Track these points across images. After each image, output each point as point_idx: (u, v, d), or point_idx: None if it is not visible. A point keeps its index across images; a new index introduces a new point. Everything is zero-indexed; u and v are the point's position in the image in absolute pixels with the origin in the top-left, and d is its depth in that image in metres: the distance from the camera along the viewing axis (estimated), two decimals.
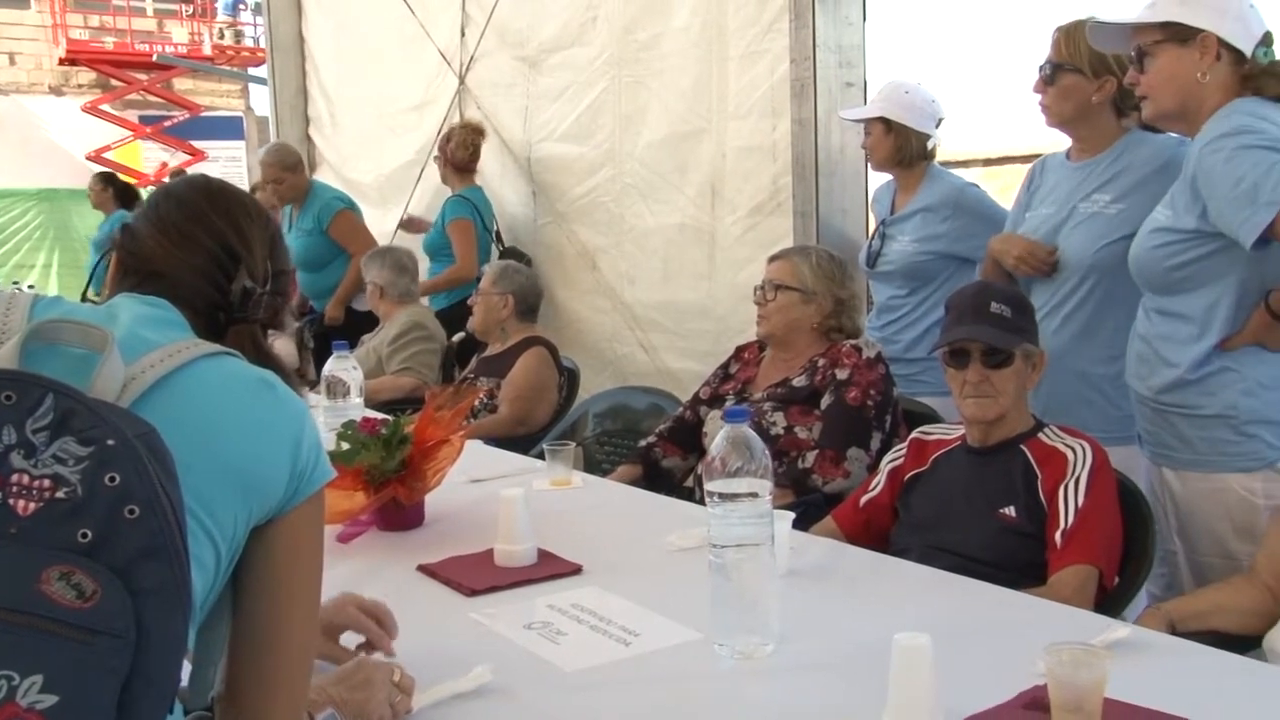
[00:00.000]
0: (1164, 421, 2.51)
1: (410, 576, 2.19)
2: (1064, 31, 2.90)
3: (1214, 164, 2.32)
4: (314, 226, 5.73)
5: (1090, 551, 2.22)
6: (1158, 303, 2.51)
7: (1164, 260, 2.44)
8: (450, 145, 5.68)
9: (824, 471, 2.86)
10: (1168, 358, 2.48)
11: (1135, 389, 2.59)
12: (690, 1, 4.72)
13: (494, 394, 4.15)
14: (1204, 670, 1.67)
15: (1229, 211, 2.29)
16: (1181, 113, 2.46)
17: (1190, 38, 2.39)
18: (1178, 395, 2.46)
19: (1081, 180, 2.93)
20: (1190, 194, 2.38)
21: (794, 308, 3.12)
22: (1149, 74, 2.45)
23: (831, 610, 1.94)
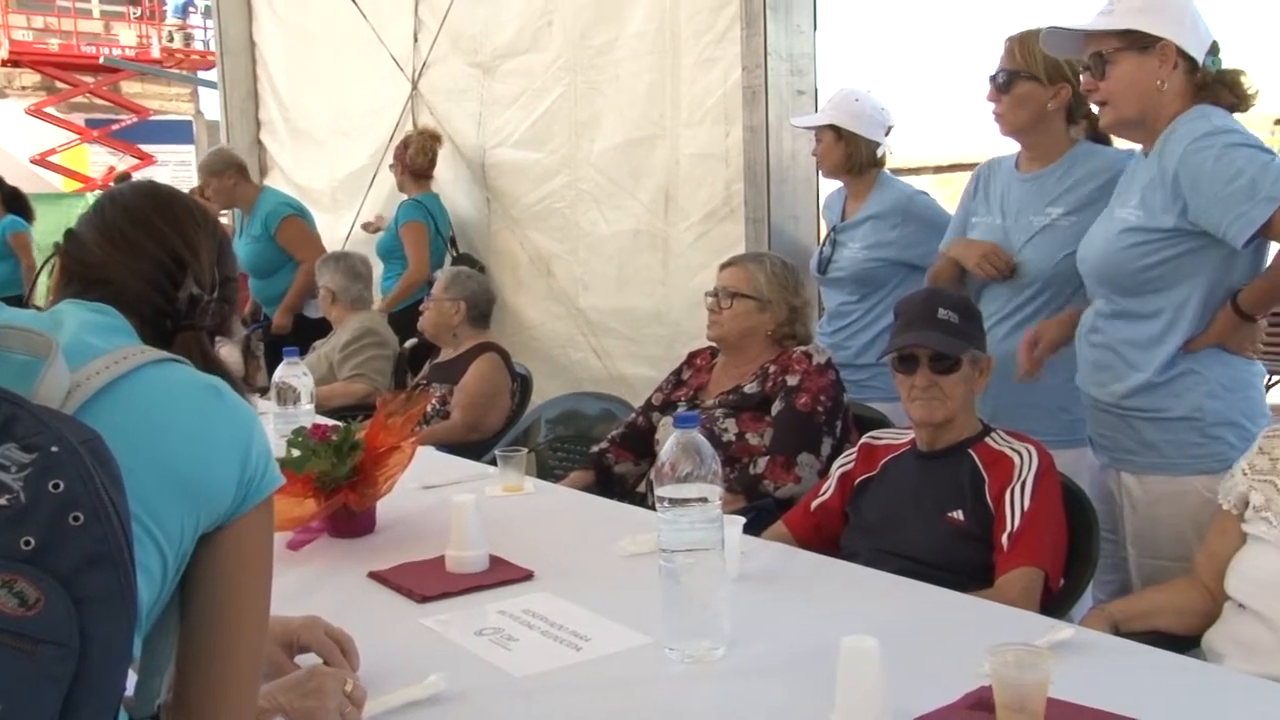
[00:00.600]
0: (1125, 426, 2.53)
1: (361, 583, 2.18)
2: (1018, 39, 2.93)
3: (1203, 161, 2.34)
4: (262, 233, 5.68)
5: (1036, 554, 2.25)
6: (1121, 305, 2.51)
7: (1137, 260, 2.44)
8: (409, 152, 5.67)
9: (775, 477, 2.88)
10: (1133, 361, 2.49)
11: (1091, 395, 2.61)
12: (644, 8, 4.73)
13: (446, 400, 4.15)
14: (1145, 669, 1.70)
15: (1220, 207, 2.31)
16: (1140, 120, 2.49)
17: (1150, 46, 2.42)
18: (1143, 399, 2.48)
19: (1033, 192, 2.97)
20: (1169, 193, 2.39)
21: (749, 315, 3.14)
22: (1110, 81, 2.46)
23: (781, 614, 1.96)
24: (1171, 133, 2.43)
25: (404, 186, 5.77)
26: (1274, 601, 1.96)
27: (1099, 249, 2.54)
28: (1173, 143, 2.41)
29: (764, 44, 4.18)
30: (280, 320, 5.66)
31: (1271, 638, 1.95)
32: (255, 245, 5.69)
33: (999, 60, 2.97)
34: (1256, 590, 2.00)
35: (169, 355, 1.24)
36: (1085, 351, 2.62)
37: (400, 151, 5.74)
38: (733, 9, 4.30)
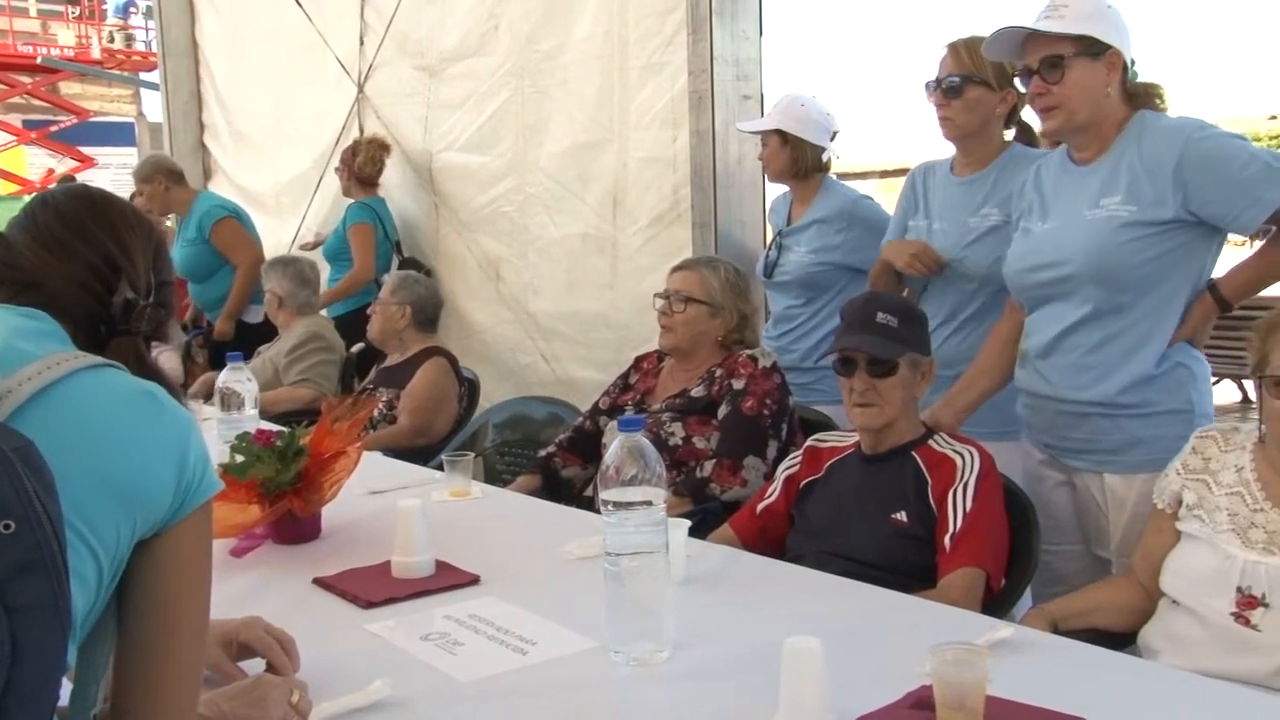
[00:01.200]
0: (1112, 426, 2.51)
1: (306, 590, 2.17)
2: (964, 45, 2.97)
3: (1210, 149, 2.39)
4: (196, 236, 5.63)
5: (978, 555, 2.28)
6: (1114, 302, 2.48)
7: (1137, 255, 2.43)
8: (357, 160, 5.64)
9: (722, 480, 2.89)
10: (1126, 357, 2.48)
11: (1067, 399, 2.55)
12: (592, 13, 4.73)
13: (394, 405, 4.12)
14: (1082, 666, 1.72)
15: (1233, 193, 2.36)
16: (1089, 124, 2.52)
17: (1101, 53, 2.46)
18: (1138, 394, 2.47)
19: (968, 194, 3.03)
20: (1167, 183, 2.40)
21: (701, 321, 3.15)
22: (1065, 85, 2.46)
23: (726, 616, 1.97)
24: (1145, 131, 2.47)
25: (349, 192, 5.75)
26: (1205, 597, 2.00)
27: (1091, 248, 2.48)
28: (1158, 138, 2.44)
29: (710, 49, 4.20)
30: (222, 327, 5.62)
31: (1202, 632, 1.99)
32: (190, 249, 5.64)
33: (943, 65, 3.01)
34: (1189, 587, 2.05)
35: (103, 360, 1.22)
36: (1057, 359, 2.56)
37: (348, 158, 5.71)
38: (679, 14, 4.31)
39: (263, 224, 6.79)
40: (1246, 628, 1.93)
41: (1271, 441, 2.06)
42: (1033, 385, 2.64)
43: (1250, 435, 2.13)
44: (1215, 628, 1.97)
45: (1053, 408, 2.60)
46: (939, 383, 2.89)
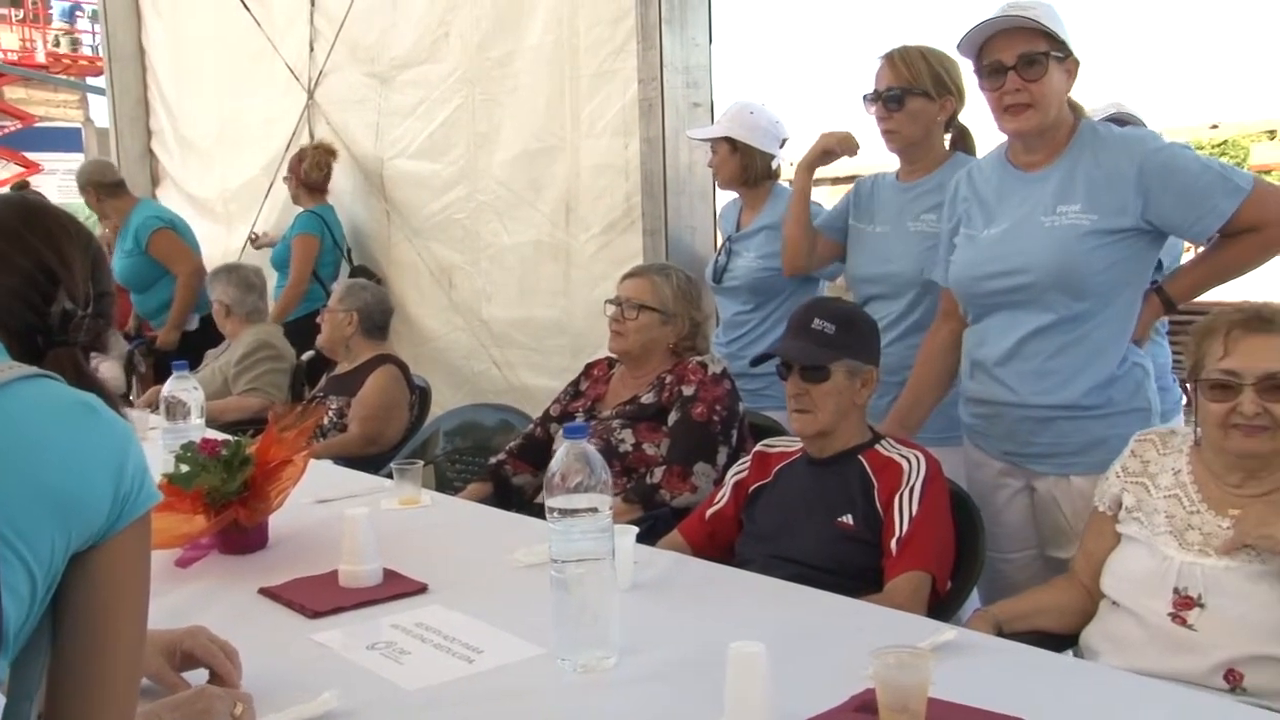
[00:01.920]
0: (1075, 429, 2.52)
1: (251, 600, 2.15)
2: (899, 56, 3.02)
3: (1169, 160, 2.45)
4: (134, 247, 5.63)
5: (923, 558, 2.31)
6: (1073, 308, 2.49)
7: (1100, 262, 2.46)
8: (304, 166, 5.62)
9: (671, 486, 2.90)
10: (1090, 360, 2.50)
11: (1030, 404, 2.56)
12: (543, 20, 4.73)
13: (344, 413, 4.10)
14: (1024, 668, 1.75)
15: (1190, 201, 2.41)
16: (1054, 125, 2.54)
17: (1066, 56, 2.49)
18: (1100, 395, 2.50)
19: (911, 199, 3.07)
20: (1130, 193, 2.44)
21: (653, 328, 3.16)
22: (1042, 84, 2.46)
23: (673, 622, 1.97)
24: (1097, 139, 2.52)
25: (298, 199, 5.73)
26: (1143, 598, 2.04)
27: (1054, 256, 2.48)
28: (1114, 147, 2.49)
29: (660, 57, 4.22)
30: (167, 337, 5.62)
31: (1141, 632, 2.02)
32: (129, 260, 5.64)
33: (881, 77, 3.05)
34: (1128, 588, 2.08)
35: (39, 371, 1.21)
36: (1018, 365, 2.57)
37: (295, 164, 5.69)
38: (630, 22, 4.33)
39: (211, 231, 6.74)
40: (1183, 628, 1.97)
41: (1207, 445, 2.10)
42: (990, 393, 2.63)
43: (1187, 439, 2.17)
44: (1153, 628, 2.00)
45: (1014, 414, 2.60)
46: (886, 388, 2.93)
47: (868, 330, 2.60)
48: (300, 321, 5.27)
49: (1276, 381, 1.97)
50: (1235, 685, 1.91)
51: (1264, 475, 2.02)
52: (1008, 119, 2.53)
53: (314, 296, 5.48)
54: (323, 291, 5.44)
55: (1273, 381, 1.97)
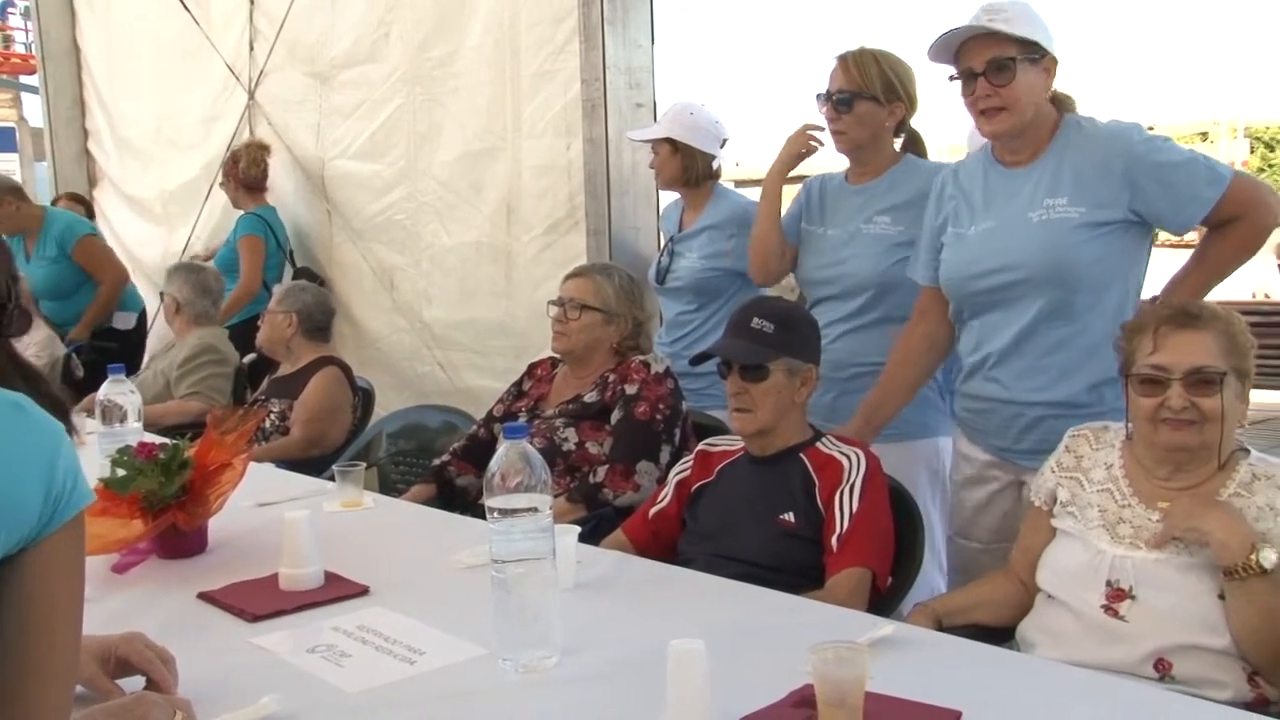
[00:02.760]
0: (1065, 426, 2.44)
1: (190, 604, 2.13)
2: (852, 60, 3.04)
3: (1154, 151, 2.48)
4: (58, 254, 5.65)
5: (864, 555, 2.33)
6: (1066, 302, 2.52)
7: (1090, 254, 2.49)
8: (240, 166, 5.58)
9: (615, 485, 2.91)
10: (1082, 359, 2.52)
11: (1021, 401, 2.59)
12: (483, 20, 4.73)
13: (286, 415, 4.07)
14: (961, 661, 1.77)
15: (1176, 192, 2.45)
16: (1031, 125, 2.57)
17: (1040, 57, 2.53)
18: (1094, 393, 2.51)
19: (863, 202, 3.10)
20: (1118, 184, 2.47)
21: (596, 328, 3.16)
22: (1013, 87, 2.50)
23: (615, 621, 1.98)
24: (1081, 133, 2.55)
25: (238, 201, 5.68)
26: (1077, 590, 2.07)
27: (1043, 250, 2.51)
28: (1099, 140, 2.52)
29: (602, 58, 4.23)
30: (80, 333, 5.65)
31: (1075, 625, 2.06)
32: (53, 267, 5.66)
33: (833, 79, 3.08)
34: (1062, 581, 2.12)
35: None
36: (1014, 363, 2.60)
37: (230, 166, 5.65)
38: (571, 22, 4.33)
39: (151, 233, 6.66)
40: (1115, 619, 2.01)
41: (1138, 439, 2.14)
42: (984, 391, 2.67)
43: (1119, 434, 2.21)
44: (1087, 620, 2.04)
45: (1006, 411, 2.63)
46: (830, 384, 2.97)
47: (807, 329, 2.62)
48: (245, 325, 5.22)
49: (1203, 376, 2.02)
50: (1165, 674, 1.95)
51: (1191, 469, 2.07)
52: (983, 122, 2.58)
53: (259, 299, 5.43)
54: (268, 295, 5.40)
55: (1199, 376, 2.02)
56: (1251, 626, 1.88)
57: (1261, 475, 2.02)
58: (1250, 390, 2.10)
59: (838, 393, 3.06)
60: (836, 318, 3.10)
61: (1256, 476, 2.02)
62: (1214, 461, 2.06)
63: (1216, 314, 2.08)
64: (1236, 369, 2.04)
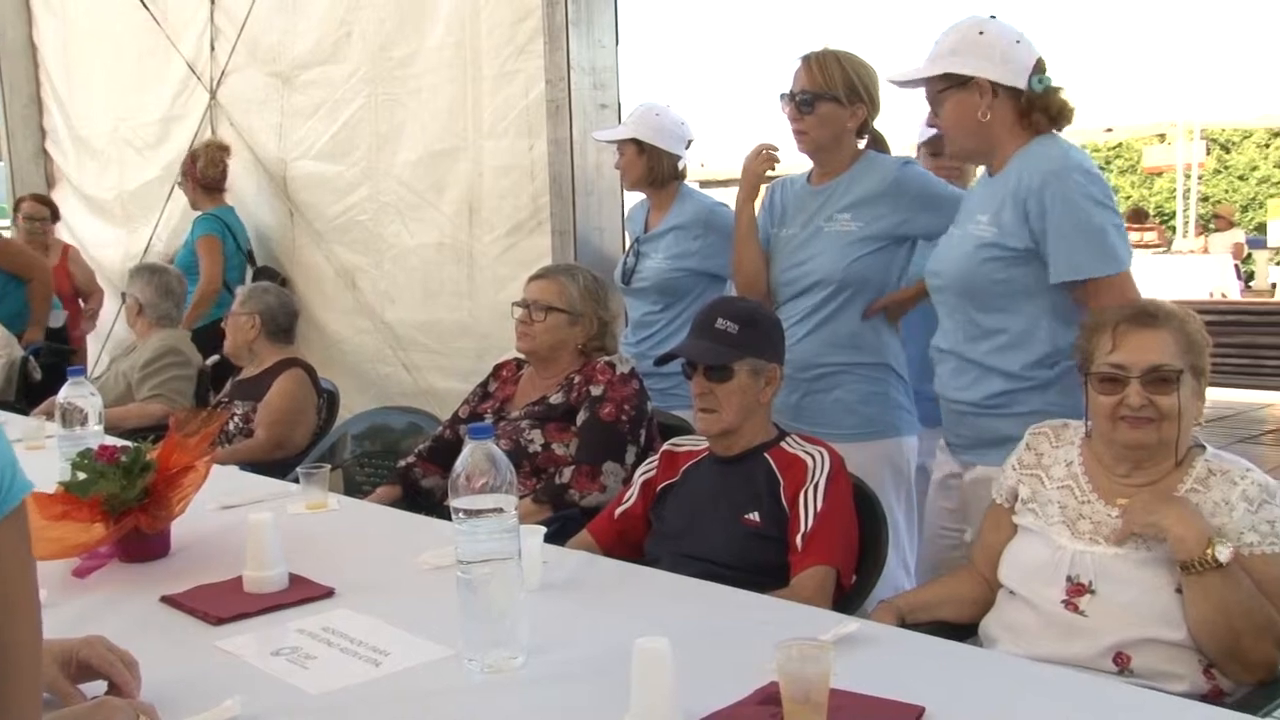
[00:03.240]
0: (977, 424, 2.67)
1: (153, 608, 2.11)
2: (815, 61, 3.06)
3: (1059, 196, 2.47)
4: None
5: (828, 553, 2.35)
6: (977, 317, 2.63)
7: (992, 274, 2.57)
8: (198, 166, 5.55)
9: (581, 486, 2.91)
10: (996, 366, 2.60)
11: (951, 398, 2.72)
12: (445, 21, 4.72)
13: (250, 418, 4.04)
14: (925, 657, 1.79)
15: (1066, 247, 2.47)
16: (979, 149, 2.68)
17: (966, 83, 2.59)
18: (1004, 399, 2.60)
19: (823, 201, 3.12)
20: (1020, 214, 2.52)
21: (561, 329, 3.16)
22: (943, 118, 2.66)
23: (581, 621, 1.98)
24: (1025, 157, 2.57)
25: (197, 202, 5.65)
26: (1038, 586, 2.10)
27: (957, 263, 2.65)
28: (1028, 169, 2.54)
29: (567, 58, 4.24)
30: (33, 334, 5.65)
31: (1036, 620, 2.08)
32: None
33: (797, 79, 3.09)
34: (1023, 577, 2.14)
35: None
36: (945, 360, 2.73)
37: (189, 166, 5.62)
38: (533, 23, 4.34)
39: (111, 235, 6.60)
40: (1075, 614, 2.03)
41: (1097, 436, 2.17)
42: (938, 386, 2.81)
43: (1078, 431, 2.24)
44: (1047, 615, 2.06)
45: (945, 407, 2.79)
46: (795, 385, 3.00)
47: (771, 329, 2.63)
48: (207, 328, 5.19)
49: (1161, 374, 2.05)
50: (1124, 667, 1.98)
51: (1149, 465, 2.10)
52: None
53: (221, 302, 5.40)
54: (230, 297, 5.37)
55: (1157, 374, 2.05)
56: (1207, 619, 1.91)
57: (1217, 471, 2.05)
58: (1206, 388, 2.13)
59: (803, 393, 3.09)
60: (800, 317, 3.12)
61: (1212, 472, 2.05)
62: (1171, 458, 2.09)
63: (1173, 313, 2.11)
64: (1193, 367, 2.07)
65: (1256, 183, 21.13)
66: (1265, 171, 21.17)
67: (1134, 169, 21.37)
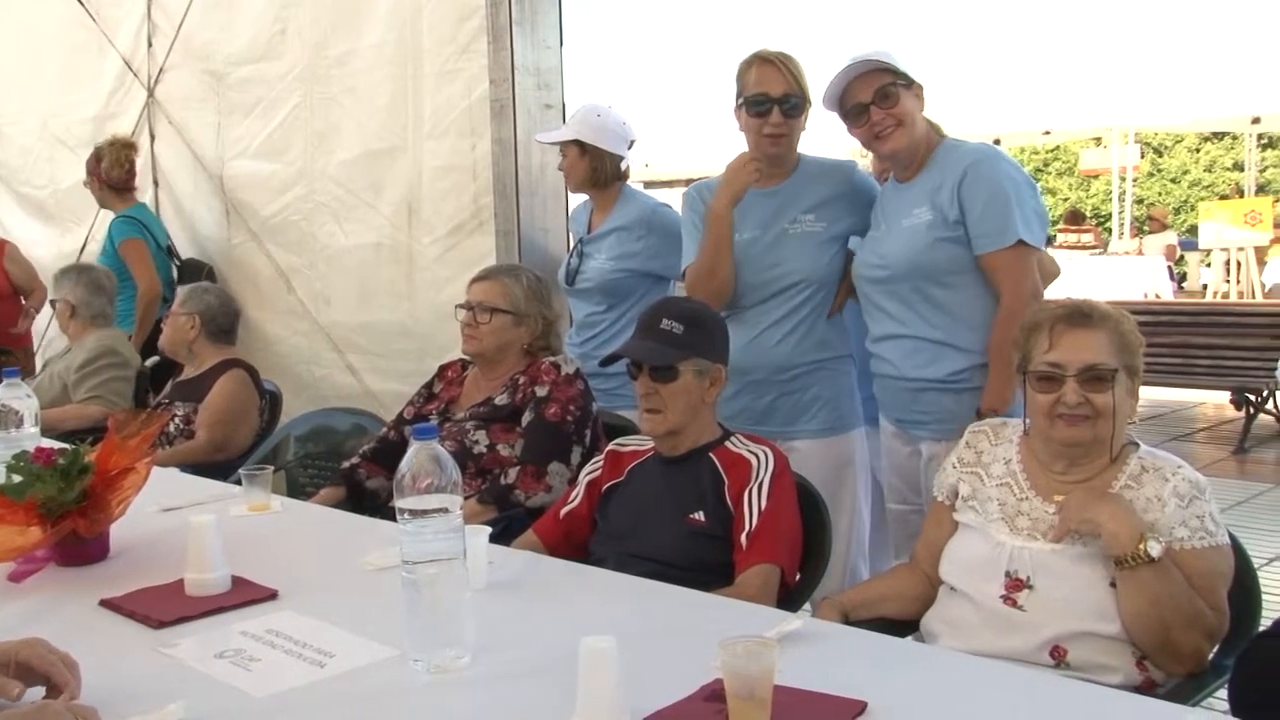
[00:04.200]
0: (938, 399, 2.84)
1: (92, 612, 2.09)
2: (782, 62, 3.04)
3: (983, 174, 2.77)
4: None
5: (773, 551, 2.37)
6: (933, 294, 2.82)
7: (945, 252, 2.79)
8: (103, 165, 5.41)
9: (526, 487, 2.91)
10: (952, 343, 2.81)
11: (910, 376, 2.87)
12: (384, 18, 4.69)
13: (191, 419, 3.99)
14: (867, 653, 1.81)
15: (980, 220, 2.75)
16: (917, 144, 2.87)
17: (911, 85, 2.85)
18: (965, 375, 2.80)
19: (781, 204, 3.13)
20: (954, 196, 2.78)
21: (506, 330, 3.16)
22: (899, 108, 2.82)
23: (527, 620, 1.99)
24: (948, 150, 2.87)
25: (106, 202, 5.51)
26: (978, 582, 2.14)
27: (906, 251, 2.84)
28: (956, 157, 2.83)
29: (511, 58, 4.23)
30: None
31: (976, 615, 2.12)
32: None
33: (770, 83, 3.01)
34: (963, 573, 2.18)
35: None
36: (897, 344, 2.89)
37: (93, 165, 5.47)
38: (476, 22, 4.33)
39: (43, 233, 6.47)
40: (1014, 609, 2.07)
41: (1035, 434, 2.21)
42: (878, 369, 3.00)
43: (1017, 429, 2.28)
44: (987, 610, 2.10)
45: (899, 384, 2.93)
46: (770, 386, 3.10)
47: (716, 329, 2.64)
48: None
49: (1096, 373, 2.09)
50: (1060, 661, 2.02)
51: (1085, 463, 2.14)
52: (882, 144, 2.87)
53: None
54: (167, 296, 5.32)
55: (1093, 373, 2.09)
56: (1140, 613, 1.96)
57: (1150, 468, 2.10)
58: (1140, 386, 2.18)
59: (777, 394, 3.12)
60: (776, 319, 3.11)
61: (1145, 469, 2.10)
62: (1106, 455, 2.13)
63: (1108, 314, 2.16)
64: (1127, 366, 2.12)
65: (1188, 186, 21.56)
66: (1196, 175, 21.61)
67: (1071, 171, 21.71)
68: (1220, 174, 21.05)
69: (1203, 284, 13.99)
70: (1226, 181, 19.82)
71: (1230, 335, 7.47)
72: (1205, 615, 1.98)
